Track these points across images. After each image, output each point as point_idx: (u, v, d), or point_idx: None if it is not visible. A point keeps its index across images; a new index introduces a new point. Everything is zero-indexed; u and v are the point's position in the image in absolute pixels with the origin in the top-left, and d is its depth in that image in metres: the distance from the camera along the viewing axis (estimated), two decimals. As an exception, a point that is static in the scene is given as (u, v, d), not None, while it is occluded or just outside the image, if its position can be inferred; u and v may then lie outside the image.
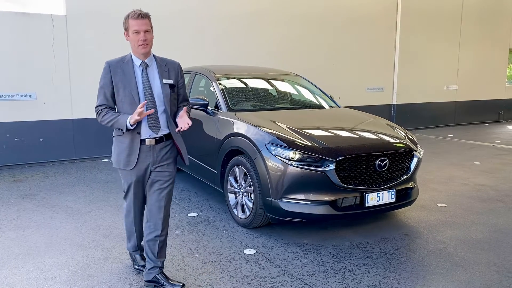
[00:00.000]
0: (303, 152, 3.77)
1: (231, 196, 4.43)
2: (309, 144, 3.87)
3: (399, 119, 11.18)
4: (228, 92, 5.04)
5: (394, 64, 11.13)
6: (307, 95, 5.63)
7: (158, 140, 2.95)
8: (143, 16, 2.84)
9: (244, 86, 5.45)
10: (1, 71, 6.60)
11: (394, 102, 11.25)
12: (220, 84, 5.10)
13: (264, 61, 8.42)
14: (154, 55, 3.01)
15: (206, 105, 4.83)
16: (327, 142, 3.93)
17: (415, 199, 4.36)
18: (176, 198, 5.21)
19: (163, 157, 2.99)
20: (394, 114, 11.23)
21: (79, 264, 3.45)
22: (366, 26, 10.44)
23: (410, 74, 11.25)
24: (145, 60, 2.92)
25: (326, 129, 4.43)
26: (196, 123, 5.08)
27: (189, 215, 4.63)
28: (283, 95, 5.61)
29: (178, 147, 3.04)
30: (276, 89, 5.65)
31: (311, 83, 5.91)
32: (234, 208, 4.39)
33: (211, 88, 5.14)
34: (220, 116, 4.70)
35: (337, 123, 4.76)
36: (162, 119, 2.95)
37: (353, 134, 4.37)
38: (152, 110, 2.83)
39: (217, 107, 4.88)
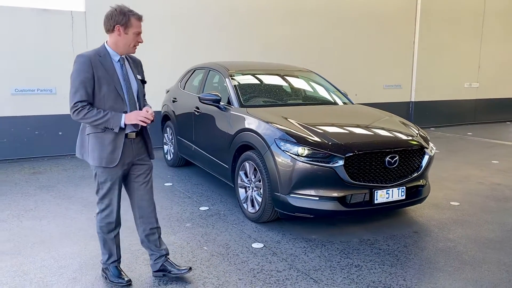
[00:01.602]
0: (312, 148, 3.79)
1: (241, 191, 4.48)
2: (318, 140, 3.88)
3: (417, 117, 11.04)
4: (241, 88, 5.08)
5: (413, 61, 10.98)
6: (320, 91, 5.63)
7: (137, 134, 2.95)
8: (142, 18, 2.88)
9: (257, 82, 5.49)
10: (22, 66, 6.79)
11: (412, 100, 11.11)
12: (233, 80, 5.14)
13: (280, 57, 8.43)
14: None
15: (218, 101, 4.88)
16: (336, 138, 3.94)
17: (426, 196, 4.34)
18: (188, 192, 5.29)
19: (140, 150, 3.00)
20: (412, 112, 11.10)
21: (91, 254, 3.56)
22: (384, 22, 10.33)
23: (429, 71, 11.08)
24: (122, 56, 2.90)
25: (337, 126, 4.43)
26: (209, 118, 5.16)
27: (200, 208, 4.70)
28: (296, 91, 5.63)
29: (147, 141, 3.04)
30: (289, 85, 5.66)
31: (324, 79, 5.90)
32: (244, 203, 4.44)
33: (224, 84, 5.19)
34: (232, 112, 4.75)
35: (348, 119, 4.75)
36: None
37: (364, 130, 4.36)
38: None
39: (229, 102, 4.93)
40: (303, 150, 3.80)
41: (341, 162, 3.73)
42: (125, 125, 2.81)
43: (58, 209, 4.64)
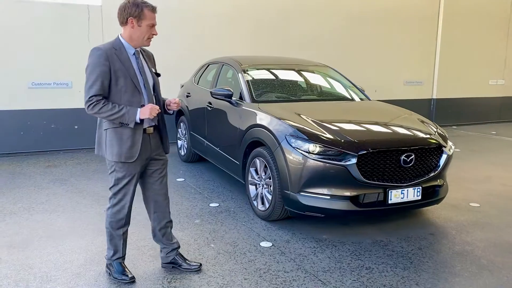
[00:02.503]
0: (323, 145, 3.67)
1: (251, 188, 4.39)
2: (331, 137, 3.75)
3: (439, 114, 10.75)
4: (253, 83, 4.98)
5: (435, 56, 10.67)
6: (336, 87, 5.48)
7: (154, 128, 2.91)
8: (156, 9, 2.79)
9: (271, 76, 5.38)
10: (39, 59, 6.84)
11: (434, 97, 10.81)
12: (245, 74, 5.05)
13: (300, 52, 8.23)
14: None
15: (230, 96, 4.79)
16: (350, 135, 3.80)
17: (443, 197, 4.16)
18: (200, 188, 5.23)
19: (157, 144, 2.96)
20: (434, 109, 10.80)
21: (97, 249, 3.52)
22: (406, 17, 10.04)
23: (452, 67, 10.75)
24: (137, 49, 2.84)
25: (351, 122, 4.29)
26: (221, 114, 5.07)
27: (210, 205, 4.63)
28: (310, 87, 5.49)
29: (163, 135, 3.00)
30: (304, 80, 5.53)
31: (341, 74, 5.74)
32: (254, 200, 4.34)
33: (237, 79, 5.10)
34: (243, 107, 4.65)
35: (364, 116, 4.60)
36: None
37: (379, 128, 4.20)
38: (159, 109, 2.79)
39: (241, 98, 4.83)
40: (314, 147, 3.68)
41: (354, 160, 3.59)
42: (141, 119, 2.74)
43: (69, 202, 4.64)
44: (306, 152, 3.68)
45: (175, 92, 6.85)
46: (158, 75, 3.00)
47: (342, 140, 3.70)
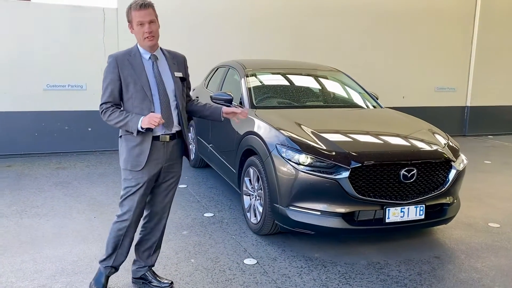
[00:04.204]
0: (314, 156, 3.38)
1: (246, 199, 4.15)
2: (323, 147, 3.46)
3: (473, 123, 10.11)
4: (256, 88, 4.75)
5: (470, 62, 10.04)
6: (345, 94, 5.16)
7: (172, 137, 2.74)
8: (146, 5, 2.62)
9: (275, 81, 5.12)
10: (54, 62, 6.89)
11: (468, 104, 10.17)
12: (248, 78, 4.82)
13: (323, 56, 7.95)
14: (160, 48, 2.80)
15: (230, 101, 4.55)
16: (345, 146, 3.49)
17: (453, 217, 3.76)
18: (199, 196, 5.04)
19: (172, 155, 2.79)
20: (467, 117, 10.15)
21: (73, 258, 3.39)
22: (439, 19, 9.51)
23: (488, 73, 10.07)
24: (154, 53, 2.72)
25: (351, 132, 3.96)
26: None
27: (204, 215, 4.42)
28: (316, 92, 5.19)
29: (187, 144, 2.85)
30: (311, 85, 5.24)
31: (353, 80, 5.39)
32: (248, 212, 4.10)
33: (240, 83, 4.88)
34: (242, 113, 4.42)
35: (368, 125, 4.25)
36: (174, 115, 2.74)
37: (380, 139, 3.85)
38: (163, 121, 2.59)
39: (241, 103, 4.61)
40: (305, 159, 3.40)
41: (346, 174, 3.28)
42: (147, 128, 2.57)
43: (63, 207, 4.56)
44: (296, 163, 3.41)
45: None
46: (183, 79, 2.82)
47: (334, 152, 3.39)
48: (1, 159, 6.59)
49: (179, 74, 2.79)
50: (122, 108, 2.69)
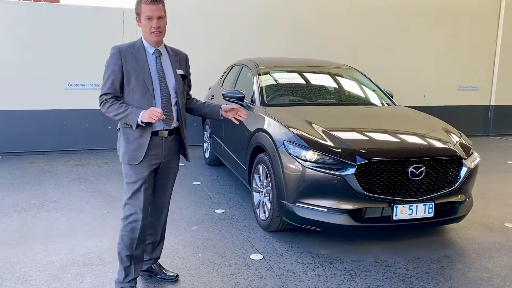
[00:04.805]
0: (321, 153, 3.38)
1: (255, 195, 4.18)
2: (331, 144, 3.45)
3: (497, 122, 9.84)
4: (268, 85, 4.77)
5: (494, 60, 9.78)
6: (359, 91, 5.12)
7: (170, 133, 2.77)
8: (157, 1, 2.63)
9: (287, 79, 5.13)
10: (75, 61, 7.07)
11: (492, 103, 9.91)
12: (260, 76, 4.84)
13: (342, 55, 7.85)
14: (164, 44, 2.84)
15: (241, 98, 4.60)
16: (352, 143, 3.47)
17: (465, 215, 3.69)
18: (212, 192, 5.10)
19: (171, 150, 2.82)
20: (491, 117, 9.89)
21: (84, 250, 3.48)
22: (461, 17, 9.29)
23: (513, 71, 9.81)
24: (158, 48, 2.75)
25: (362, 129, 3.93)
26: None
27: (215, 211, 4.47)
28: (329, 90, 5.16)
29: (184, 141, 2.86)
30: (323, 83, 5.21)
31: (367, 78, 5.34)
32: (257, 208, 4.13)
33: (252, 81, 4.91)
34: (253, 110, 4.45)
35: (378, 123, 4.21)
36: (173, 111, 2.77)
37: (388, 136, 3.80)
38: (164, 116, 2.59)
39: (253, 100, 4.64)
40: (312, 155, 3.40)
41: (352, 170, 3.27)
42: (146, 122, 2.57)
43: (79, 202, 4.68)
44: (303, 159, 3.41)
45: (204, 94, 6.78)
46: (184, 77, 2.86)
47: (340, 149, 3.38)
48: (24, 156, 6.81)
49: (181, 72, 2.81)
50: (122, 101, 2.69)
